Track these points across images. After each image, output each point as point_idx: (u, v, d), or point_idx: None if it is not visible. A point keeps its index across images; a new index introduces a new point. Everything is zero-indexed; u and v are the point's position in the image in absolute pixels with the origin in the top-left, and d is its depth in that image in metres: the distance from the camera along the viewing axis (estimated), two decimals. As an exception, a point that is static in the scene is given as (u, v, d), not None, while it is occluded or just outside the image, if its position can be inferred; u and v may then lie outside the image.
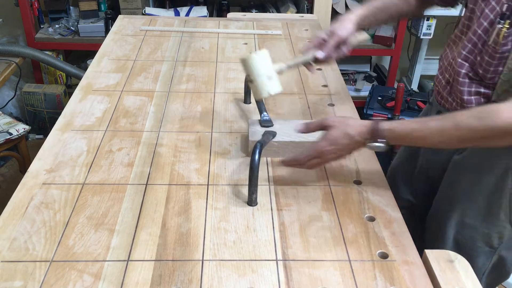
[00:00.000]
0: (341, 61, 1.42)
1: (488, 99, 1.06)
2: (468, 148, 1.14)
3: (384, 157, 1.34)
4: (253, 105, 1.38)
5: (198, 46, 1.74)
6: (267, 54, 1.11)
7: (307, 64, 1.20)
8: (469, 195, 1.15)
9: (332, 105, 1.40)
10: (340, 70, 1.63)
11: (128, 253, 0.91)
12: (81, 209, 1.01)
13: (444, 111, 1.17)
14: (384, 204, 1.05)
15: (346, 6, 2.84)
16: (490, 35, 1.01)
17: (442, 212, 1.21)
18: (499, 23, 0.98)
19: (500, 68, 1.01)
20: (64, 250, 0.91)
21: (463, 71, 1.08)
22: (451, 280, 0.85)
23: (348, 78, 3.11)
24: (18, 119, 2.75)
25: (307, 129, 1.07)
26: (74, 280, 0.85)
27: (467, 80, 1.08)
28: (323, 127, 1.04)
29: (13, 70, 2.68)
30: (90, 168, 1.12)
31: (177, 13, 2.86)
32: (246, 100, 1.40)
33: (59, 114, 1.33)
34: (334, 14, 2.83)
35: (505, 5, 0.98)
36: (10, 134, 2.28)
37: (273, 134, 1.16)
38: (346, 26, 1.19)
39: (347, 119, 1.04)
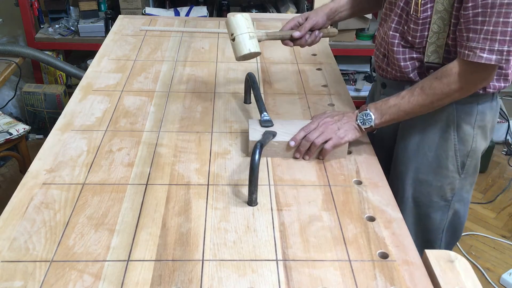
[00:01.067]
0: (341, 61, 1.45)
1: (421, 62, 1.20)
2: None
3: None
4: (253, 105, 1.38)
5: (198, 46, 1.74)
6: (249, 18, 1.22)
7: (284, 40, 1.33)
8: (419, 152, 1.27)
9: (332, 105, 1.40)
10: (340, 70, 1.63)
11: (128, 253, 0.91)
12: (81, 209, 1.01)
13: (387, 81, 1.32)
14: (384, 204, 1.05)
15: (346, 6, 2.84)
16: (410, 6, 1.15)
17: (398, 175, 1.32)
18: None
19: (426, 33, 1.15)
20: (64, 250, 0.91)
21: (396, 41, 1.21)
22: (451, 280, 0.85)
23: (348, 78, 3.11)
24: (18, 119, 2.75)
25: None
26: (74, 280, 0.85)
27: (400, 49, 1.21)
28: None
29: (13, 70, 2.68)
30: (90, 168, 1.12)
31: (177, 13, 2.86)
32: (246, 100, 1.40)
33: (59, 114, 1.33)
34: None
35: None
36: (10, 134, 2.28)
37: (273, 134, 1.16)
38: (320, 14, 1.34)
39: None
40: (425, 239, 1.34)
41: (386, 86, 1.33)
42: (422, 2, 1.11)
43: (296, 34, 1.29)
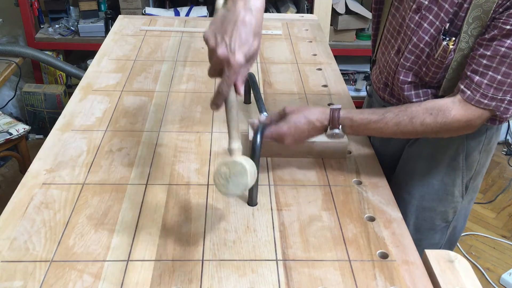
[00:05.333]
0: (341, 61, 1.43)
1: (435, 96, 1.12)
2: (418, 139, 1.21)
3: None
4: (253, 105, 1.38)
5: (198, 46, 1.74)
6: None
7: None
8: (425, 181, 1.22)
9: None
10: (340, 70, 1.63)
11: (128, 253, 0.91)
12: (81, 209, 1.01)
13: (388, 105, 1.23)
14: (384, 204, 1.05)
15: (346, 6, 2.84)
16: (434, 50, 1.06)
17: (400, 202, 1.25)
18: (444, 40, 1.03)
19: (445, 73, 1.07)
20: (64, 250, 0.91)
21: (409, 79, 1.13)
22: (451, 280, 0.85)
23: (348, 78, 3.11)
24: (18, 119, 2.75)
25: (270, 121, 1.09)
26: (74, 280, 0.85)
27: (412, 87, 1.14)
28: (283, 114, 1.08)
29: (13, 70, 2.69)
30: (90, 168, 1.12)
31: (177, 13, 2.86)
32: (246, 100, 1.40)
33: (59, 114, 1.33)
34: (334, 14, 2.83)
35: (447, 23, 1.03)
36: (10, 134, 2.28)
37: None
38: None
39: (308, 107, 1.10)
40: None
41: None
42: (452, 48, 1.03)
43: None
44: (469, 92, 1.00)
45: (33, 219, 0.97)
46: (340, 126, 1.05)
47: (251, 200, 1.03)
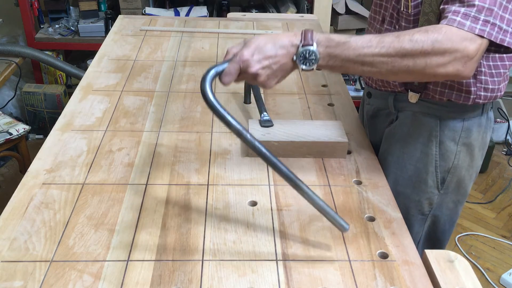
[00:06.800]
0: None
1: None
2: (398, 119, 1.23)
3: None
4: (253, 105, 1.38)
5: (198, 46, 1.74)
6: None
7: None
8: (399, 164, 1.23)
9: (332, 105, 1.40)
10: (340, 70, 1.63)
11: (128, 253, 0.91)
12: (81, 209, 1.01)
13: (372, 90, 1.29)
14: (384, 204, 1.05)
15: (346, 6, 2.84)
16: (401, 3, 1.09)
17: None
18: None
19: None
20: (64, 250, 0.91)
21: None
22: (451, 280, 0.85)
23: (348, 78, 3.11)
24: (18, 119, 2.75)
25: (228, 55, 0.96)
26: (74, 280, 0.85)
27: None
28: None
29: (13, 70, 2.69)
30: (90, 168, 1.12)
31: (177, 13, 2.86)
32: (246, 100, 1.40)
33: (59, 114, 1.33)
34: (334, 14, 2.83)
35: None
36: (10, 134, 2.28)
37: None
38: None
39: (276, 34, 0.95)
40: None
41: (372, 96, 1.30)
42: None
43: None
44: (453, 8, 0.90)
45: (33, 219, 0.97)
46: (315, 43, 0.89)
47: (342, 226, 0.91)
